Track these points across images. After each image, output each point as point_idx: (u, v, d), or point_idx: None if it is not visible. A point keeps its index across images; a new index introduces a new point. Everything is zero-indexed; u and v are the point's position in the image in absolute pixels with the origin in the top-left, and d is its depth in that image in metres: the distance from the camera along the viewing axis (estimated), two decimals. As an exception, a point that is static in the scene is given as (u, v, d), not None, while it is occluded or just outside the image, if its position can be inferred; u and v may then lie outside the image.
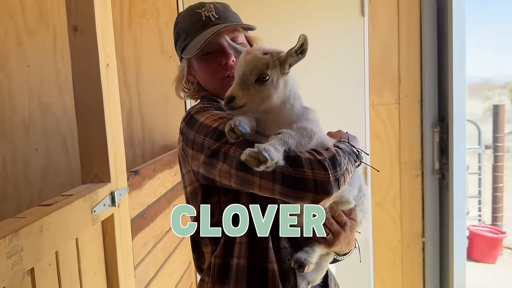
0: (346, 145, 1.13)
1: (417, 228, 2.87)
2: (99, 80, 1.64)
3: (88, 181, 1.67)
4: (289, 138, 0.99)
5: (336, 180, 0.98)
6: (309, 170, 0.97)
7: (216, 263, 1.18)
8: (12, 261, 1.07)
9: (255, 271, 1.15)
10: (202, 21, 1.25)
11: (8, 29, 2.77)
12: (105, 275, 1.67)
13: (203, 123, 1.14)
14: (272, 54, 1.07)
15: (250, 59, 1.06)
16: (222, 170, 1.06)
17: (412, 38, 2.77)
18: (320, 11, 2.76)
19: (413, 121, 2.83)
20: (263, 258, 1.14)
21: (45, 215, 1.23)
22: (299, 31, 2.79)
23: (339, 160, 1.01)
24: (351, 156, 1.08)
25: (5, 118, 2.83)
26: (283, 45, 2.95)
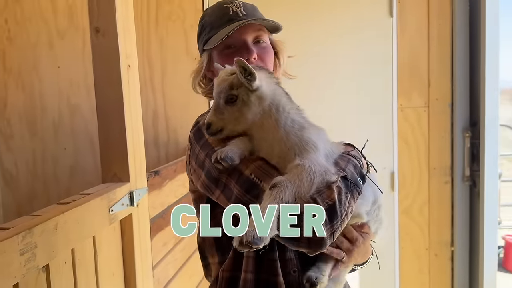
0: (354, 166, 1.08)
1: (446, 236, 2.77)
2: (120, 81, 1.65)
3: (108, 180, 1.69)
4: (284, 193, 0.93)
5: (331, 234, 0.96)
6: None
7: (224, 277, 1.17)
8: (25, 258, 1.09)
9: (262, 284, 1.13)
10: (229, 16, 1.23)
11: (41, 32, 2.85)
12: (123, 275, 1.68)
13: (207, 140, 1.13)
14: (237, 74, 1.03)
15: (217, 83, 1.06)
16: (219, 199, 1.09)
17: (443, 39, 2.67)
18: (348, 12, 2.71)
19: (443, 125, 2.73)
20: (271, 271, 1.13)
21: (61, 213, 1.25)
22: (326, 32, 2.77)
23: (337, 209, 0.96)
24: (356, 188, 1.03)
25: (36, 118, 2.91)
26: (309, 46, 2.91)
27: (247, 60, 1.21)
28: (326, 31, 2.74)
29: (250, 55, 1.21)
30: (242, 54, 1.21)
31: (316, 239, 0.94)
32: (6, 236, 1.04)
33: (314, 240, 0.94)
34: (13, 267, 1.04)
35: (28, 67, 2.87)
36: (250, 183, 1.01)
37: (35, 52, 2.85)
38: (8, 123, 2.92)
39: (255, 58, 1.22)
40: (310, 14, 2.74)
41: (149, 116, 2.99)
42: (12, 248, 1.04)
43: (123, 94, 1.66)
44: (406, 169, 2.77)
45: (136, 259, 1.70)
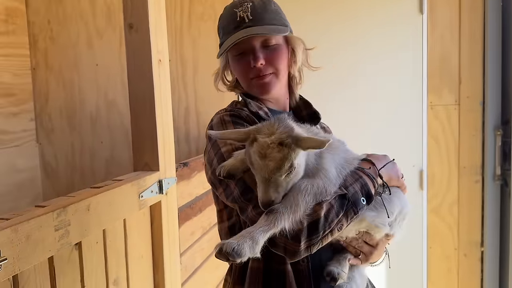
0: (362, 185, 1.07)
1: (476, 236, 2.72)
2: (151, 75, 1.74)
3: (139, 169, 1.78)
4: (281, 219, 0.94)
5: (307, 248, 0.99)
6: (282, 237, 0.97)
7: (237, 265, 1.22)
8: (59, 234, 1.18)
9: (275, 273, 1.17)
10: (236, 22, 1.24)
11: (80, 31, 2.99)
12: (151, 258, 1.76)
13: (216, 142, 1.18)
14: (288, 144, 0.95)
15: (274, 165, 0.94)
16: (221, 196, 1.16)
17: (475, 36, 2.63)
18: (378, 8, 2.72)
19: (474, 123, 2.69)
20: (279, 260, 1.16)
21: (93, 195, 1.34)
22: (355, 27, 2.79)
23: (321, 225, 0.98)
24: (352, 208, 1.03)
25: (75, 112, 3.06)
26: (339, 43, 2.93)
27: (254, 67, 1.23)
28: (355, 28, 2.76)
29: (257, 62, 1.23)
30: (249, 59, 1.24)
31: (291, 250, 0.99)
32: (42, 212, 1.13)
33: (289, 250, 0.99)
34: (48, 241, 1.13)
35: (69, 65, 3.02)
36: (245, 186, 1.06)
37: (75, 51, 3.00)
38: (49, 117, 3.08)
39: (262, 64, 1.23)
40: (339, 11, 2.76)
41: (181, 113, 3.09)
42: (47, 223, 1.13)
43: (154, 88, 1.74)
44: (436, 167, 2.74)
45: (165, 244, 1.78)
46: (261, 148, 0.96)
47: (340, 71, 2.78)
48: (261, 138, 0.96)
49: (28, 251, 1.06)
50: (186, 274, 2.04)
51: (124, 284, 1.58)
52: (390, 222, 1.17)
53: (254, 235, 0.92)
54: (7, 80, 2.82)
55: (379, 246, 1.22)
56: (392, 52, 2.73)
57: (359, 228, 1.14)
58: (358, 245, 1.20)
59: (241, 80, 1.32)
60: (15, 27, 2.89)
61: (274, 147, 0.95)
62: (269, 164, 0.94)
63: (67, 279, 1.26)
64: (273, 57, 1.25)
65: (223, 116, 1.24)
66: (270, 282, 1.17)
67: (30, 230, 1.06)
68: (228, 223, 1.26)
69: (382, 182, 1.12)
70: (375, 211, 1.12)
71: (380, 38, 2.74)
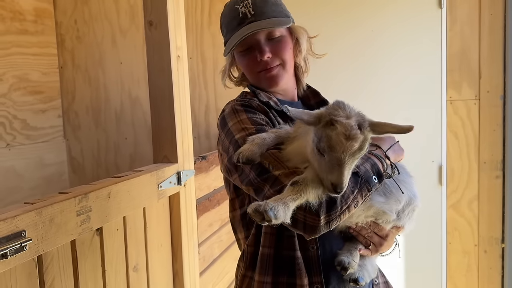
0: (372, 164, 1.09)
1: (496, 233, 2.68)
2: (170, 71, 1.81)
3: (159, 161, 1.85)
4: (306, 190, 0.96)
5: (327, 223, 1.00)
6: (302, 212, 0.99)
7: (249, 251, 1.26)
8: (81, 219, 1.25)
9: (285, 260, 1.20)
10: (239, 19, 1.26)
11: (105, 30, 3.09)
12: (170, 247, 1.83)
13: (230, 129, 1.20)
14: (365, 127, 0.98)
15: (357, 146, 0.96)
16: (235, 181, 1.18)
17: (495, 30, 2.60)
18: (397, 3, 2.71)
19: (495, 118, 2.65)
20: (289, 247, 1.20)
21: (113, 184, 1.41)
22: (374, 22, 2.81)
23: (339, 200, 1.00)
24: (366, 185, 1.05)
25: (100, 109, 3.16)
26: (357, 38, 2.92)
27: (260, 60, 1.26)
28: (374, 23, 2.76)
29: (263, 55, 1.26)
30: (255, 54, 1.27)
31: (310, 225, 1.00)
32: (65, 198, 1.20)
33: (309, 225, 1.00)
34: (70, 225, 1.21)
35: (94, 63, 3.12)
36: (262, 168, 1.08)
37: (100, 49, 3.10)
38: (76, 114, 3.20)
39: (268, 57, 1.27)
40: (359, 6, 2.77)
41: (201, 110, 3.16)
42: (70, 208, 1.20)
43: (173, 83, 1.81)
44: (455, 163, 2.72)
45: (183, 234, 1.84)
46: (345, 129, 0.96)
47: (359, 66, 2.79)
48: (343, 120, 0.98)
49: (51, 233, 1.13)
50: (204, 264, 2.10)
51: (144, 271, 1.64)
52: (398, 212, 1.18)
53: (286, 201, 0.94)
54: (36, 78, 2.94)
55: (389, 238, 1.23)
56: (411, 47, 2.73)
57: (368, 214, 1.16)
58: (368, 235, 1.21)
59: (249, 74, 1.34)
60: (43, 27, 3.01)
61: (355, 128, 0.97)
62: (353, 145, 0.95)
63: (88, 263, 1.33)
64: (279, 49, 1.28)
65: (234, 105, 1.26)
66: (280, 268, 1.20)
67: (53, 214, 1.14)
68: (240, 211, 1.30)
69: (390, 163, 1.14)
70: (383, 197, 1.13)
71: (399, 33, 2.73)
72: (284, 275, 1.20)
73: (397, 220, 1.21)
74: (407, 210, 1.21)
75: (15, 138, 2.75)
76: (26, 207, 1.10)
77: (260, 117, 1.21)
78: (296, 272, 1.19)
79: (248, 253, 1.27)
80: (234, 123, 1.21)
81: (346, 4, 2.78)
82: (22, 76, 2.82)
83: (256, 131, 1.14)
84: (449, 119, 2.71)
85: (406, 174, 1.23)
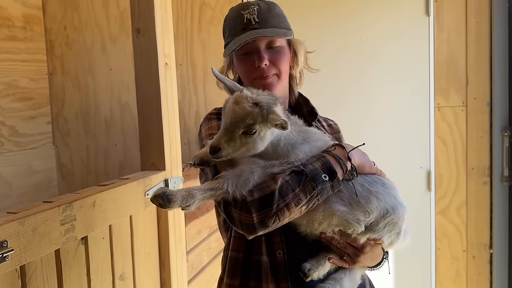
0: (323, 163, 1.08)
1: (484, 238, 2.70)
2: (158, 78, 1.81)
3: (146, 169, 1.84)
4: (225, 183, 1.00)
5: (261, 221, 1.02)
6: (237, 210, 1.04)
7: (225, 255, 1.31)
8: (65, 228, 1.24)
9: (253, 264, 1.22)
10: (243, 24, 1.29)
11: (95, 37, 3.08)
12: (157, 256, 1.82)
13: (202, 134, 1.31)
14: (262, 107, 1.02)
15: (239, 112, 1.01)
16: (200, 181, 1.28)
17: (481, 37, 2.63)
18: (383, 10, 2.74)
19: (482, 124, 2.68)
20: (257, 251, 1.22)
21: (99, 192, 1.40)
22: (362, 30, 2.81)
23: (275, 198, 1.01)
24: (310, 183, 1.05)
25: (90, 116, 3.14)
26: (345, 45, 2.93)
27: (258, 67, 1.29)
28: (362, 31, 2.78)
29: (261, 62, 1.28)
30: (254, 60, 1.29)
31: (245, 223, 1.03)
32: (49, 207, 1.20)
33: (244, 223, 1.03)
34: (54, 234, 1.20)
35: (84, 70, 3.11)
36: (217, 171, 1.15)
37: (90, 56, 3.09)
38: (65, 121, 3.18)
39: (266, 65, 1.29)
40: (345, 14, 2.79)
41: (191, 116, 3.16)
42: (53, 218, 1.19)
43: (160, 90, 1.81)
44: (443, 169, 2.74)
45: (171, 241, 1.83)
46: (238, 96, 1.04)
47: (347, 74, 2.80)
48: (246, 91, 1.05)
49: (35, 243, 1.12)
50: (193, 272, 2.09)
51: (130, 279, 1.63)
52: (371, 224, 1.13)
53: (192, 190, 0.99)
54: (25, 84, 2.92)
55: (366, 250, 1.19)
56: (398, 54, 2.75)
57: (332, 222, 1.12)
58: (340, 246, 1.18)
59: (244, 79, 1.36)
60: (32, 34, 3.00)
61: (249, 101, 1.03)
62: (236, 110, 1.02)
63: (73, 272, 1.32)
64: (277, 59, 1.31)
65: (209, 114, 1.35)
66: (248, 272, 1.22)
67: (36, 223, 1.13)
68: (222, 217, 1.32)
69: (351, 165, 1.12)
70: (347, 207, 1.10)
71: (387, 41, 2.76)
72: (251, 279, 1.22)
73: (370, 232, 1.15)
74: (383, 223, 1.14)
75: (3, 145, 2.72)
76: (8, 216, 1.09)
77: None
78: (262, 276, 1.20)
79: (224, 257, 1.31)
80: (205, 129, 1.29)
81: (334, 12, 2.80)
82: (10, 82, 2.80)
83: None
84: (437, 126, 2.74)
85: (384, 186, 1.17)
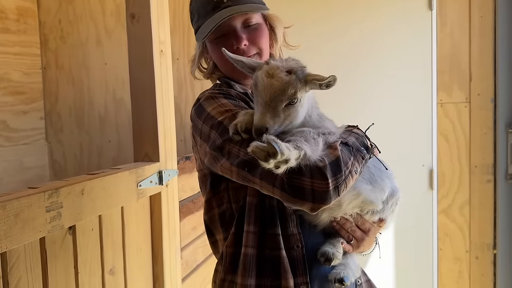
0: (356, 137, 1.08)
1: (488, 238, 2.63)
2: (152, 65, 1.74)
3: (139, 160, 1.77)
4: (301, 144, 0.91)
5: (335, 188, 0.94)
6: (308, 179, 0.93)
7: (228, 252, 1.17)
8: (51, 215, 1.17)
9: (268, 260, 1.13)
10: (213, 3, 1.19)
11: (90, 31, 3.02)
12: (150, 250, 1.74)
13: (210, 113, 1.12)
14: (297, 73, 0.97)
15: (278, 85, 0.95)
16: (223, 166, 1.06)
17: (485, 32, 2.57)
18: (386, 5, 2.69)
19: (485, 121, 2.62)
20: (273, 246, 1.12)
21: (88, 180, 1.32)
22: (364, 24, 2.76)
23: (342, 164, 0.96)
24: (358, 153, 1.03)
25: (84, 111, 3.08)
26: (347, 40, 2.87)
27: (237, 48, 1.19)
28: (364, 25, 2.73)
29: (240, 43, 1.19)
30: (231, 42, 1.20)
31: (320, 191, 0.93)
32: (33, 192, 1.12)
33: (318, 192, 0.93)
34: (38, 221, 1.12)
35: (78, 64, 3.05)
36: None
37: (84, 50, 3.03)
38: (58, 116, 3.11)
39: (245, 45, 1.20)
40: (348, 9, 2.74)
41: (188, 113, 3.08)
42: (38, 204, 1.12)
43: (155, 78, 1.74)
44: (446, 167, 2.68)
45: (164, 237, 1.76)
46: (270, 68, 0.97)
47: (348, 68, 2.75)
48: (273, 61, 0.99)
49: (17, 229, 1.05)
50: (187, 270, 2.01)
51: (121, 274, 1.56)
52: (382, 202, 1.15)
53: (286, 144, 0.87)
54: (17, 78, 2.86)
55: (370, 233, 1.19)
56: (401, 49, 2.70)
57: (356, 203, 1.12)
58: (351, 229, 1.17)
59: (223, 65, 1.25)
60: (26, 27, 2.93)
61: (283, 70, 0.96)
62: (273, 84, 0.94)
63: (59, 263, 1.25)
64: (256, 36, 1.22)
65: (211, 92, 1.19)
66: (264, 268, 1.13)
67: (19, 208, 1.05)
68: (219, 210, 1.22)
69: (371, 143, 1.11)
70: (370, 185, 1.11)
71: (389, 36, 2.70)
72: (268, 277, 1.13)
73: (381, 212, 1.19)
74: (391, 202, 1.18)
75: (-7, 139, 2.65)
76: (-11, 200, 1.02)
77: (242, 105, 1.15)
78: (281, 273, 1.12)
79: (227, 255, 1.18)
80: (214, 107, 1.13)
81: (336, 6, 2.74)
82: (2, 75, 2.73)
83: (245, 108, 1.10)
84: (439, 122, 2.68)
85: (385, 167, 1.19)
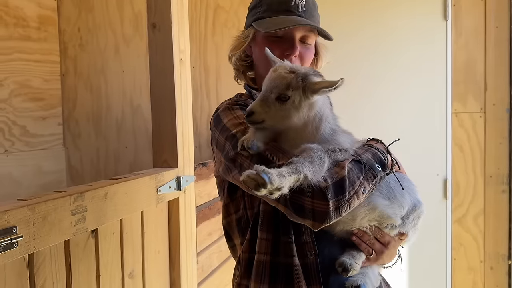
0: (373, 154, 1.08)
1: (503, 249, 2.62)
2: (173, 74, 1.78)
3: (158, 165, 1.81)
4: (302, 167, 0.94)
5: (336, 209, 0.97)
6: (309, 198, 0.96)
7: (243, 258, 1.21)
8: (76, 218, 1.20)
9: (281, 267, 1.14)
10: (290, 6, 1.23)
11: (108, 39, 3.08)
12: (167, 255, 1.77)
13: (225, 125, 1.17)
14: (297, 74, 1.03)
15: (274, 77, 1.04)
16: (235, 178, 1.11)
17: (501, 42, 2.58)
18: (400, 15, 2.71)
19: (501, 131, 2.62)
20: (287, 253, 1.14)
21: (111, 185, 1.36)
22: (378, 35, 2.78)
23: (346, 185, 0.98)
24: (370, 171, 1.04)
25: (101, 117, 3.13)
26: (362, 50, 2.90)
27: (288, 55, 1.23)
28: (379, 34, 2.75)
29: (293, 52, 1.24)
30: (286, 47, 1.24)
31: (320, 211, 0.96)
32: (59, 196, 1.16)
33: (318, 212, 0.96)
34: (64, 224, 1.16)
35: (96, 71, 3.10)
36: (263, 159, 1.03)
37: (103, 58, 3.08)
38: (76, 122, 3.16)
39: (296, 56, 1.24)
40: (363, 18, 2.76)
41: (203, 120, 3.13)
42: (64, 207, 1.15)
43: (175, 86, 1.78)
44: (461, 176, 2.67)
45: (181, 241, 1.78)
46: (278, 66, 1.07)
47: (364, 79, 2.77)
48: (287, 62, 1.10)
49: (44, 231, 1.08)
50: (202, 275, 2.04)
51: (140, 278, 1.59)
52: (402, 217, 1.15)
53: (280, 171, 0.91)
54: (37, 85, 2.92)
55: (390, 246, 1.18)
56: (416, 59, 2.71)
57: (372, 217, 1.12)
58: (370, 242, 1.16)
59: (263, 64, 1.26)
60: (46, 35, 3.00)
61: (286, 69, 1.04)
62: (271, 76, 1.05)
63: (82, 266, 1.28)
64: (306, 55, 1.28)
65: (229, 103, 1.24)
66: (277, 275, 1.15)
67: (46, 211, 1.09)
68: (236, 216, 1.26)
69: (391, 158, 1.12)
70: (387, 201, 1.11)
71: (404, 46, 2.72)
72: (281, 284, 1.14)
73: (401, 226, 1.17)
74: (412, 216, 1.17)
75: (13, 144, 2.71)
76: (19, 202, 1.05)
77: None
78: (294, 280, 1.13)
79: (243, 260, 1.21)
80: (230, 119, 1.18)
81: (352, 17, 2.77)
82: (23, 82, 2.80)
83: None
84: (454, 132, 2.68)
85: (409, 181, 1.20)
